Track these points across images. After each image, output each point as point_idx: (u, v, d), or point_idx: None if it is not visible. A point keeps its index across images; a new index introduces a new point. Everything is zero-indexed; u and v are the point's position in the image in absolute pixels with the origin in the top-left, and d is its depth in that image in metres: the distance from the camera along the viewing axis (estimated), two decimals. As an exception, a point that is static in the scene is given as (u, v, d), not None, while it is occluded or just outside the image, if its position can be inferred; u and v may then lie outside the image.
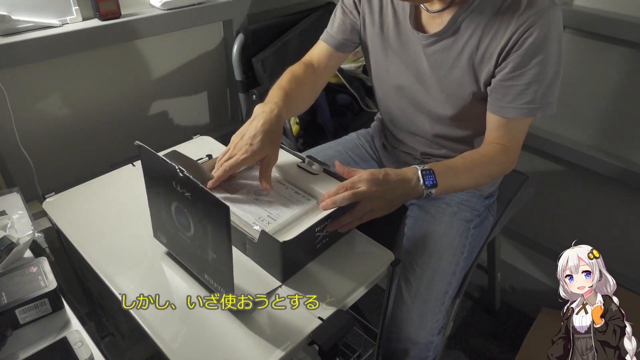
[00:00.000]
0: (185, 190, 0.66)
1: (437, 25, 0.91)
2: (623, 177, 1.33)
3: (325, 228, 0.80)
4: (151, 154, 0.70)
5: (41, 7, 1.07)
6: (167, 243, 0.81)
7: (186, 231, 0.72)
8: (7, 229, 0.84)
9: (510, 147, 0.93)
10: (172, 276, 0.79)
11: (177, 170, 0.65)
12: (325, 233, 0.81)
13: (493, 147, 0.93)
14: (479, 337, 1.59)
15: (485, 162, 0.92)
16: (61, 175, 1.27)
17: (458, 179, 0.90)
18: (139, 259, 0.82)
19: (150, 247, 0.84)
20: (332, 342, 0.69)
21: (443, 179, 0.87)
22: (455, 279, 0.99)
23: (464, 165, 0.91)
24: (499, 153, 0.92)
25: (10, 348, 0.67)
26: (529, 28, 0.81)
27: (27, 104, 1.16)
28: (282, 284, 0.78)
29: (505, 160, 0.93)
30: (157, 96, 1.40)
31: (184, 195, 0.67)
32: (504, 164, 0.94)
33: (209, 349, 0.68)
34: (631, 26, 1.17)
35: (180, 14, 1.26)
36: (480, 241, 1.08)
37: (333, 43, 1.06)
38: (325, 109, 1.44)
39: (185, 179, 0.65)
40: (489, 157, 0.92)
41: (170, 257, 0.82)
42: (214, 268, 0.71)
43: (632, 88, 1.26)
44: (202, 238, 0.69)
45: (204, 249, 0.70)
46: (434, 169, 0.87)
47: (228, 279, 0.68)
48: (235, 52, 1.39)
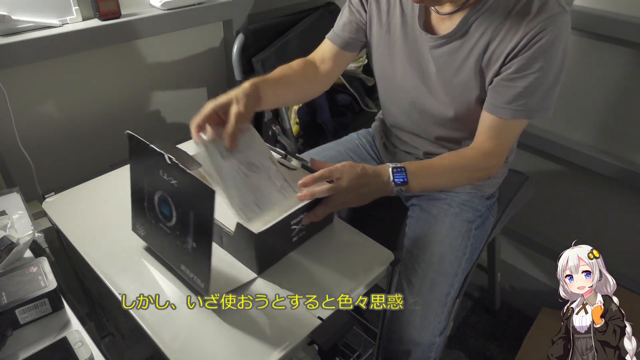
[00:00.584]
0: (172, 177, 0.68)
1: (447, 27, 0.91)
2: (623, 177, 1.33)
3: (301, 221, 0.81)
4: (141, 143, 0.72)
5: (41, 7, 1.07)
6: (144, 236, 0.82)
7: (167, 221, 0.74)
8: (7, 229, 0.84)
9: (497, 150, 0.93)
10: (172, 276, 0.79)
11: (165, 157, 0.67)
12: (301, 226, 0.82)
13: (477, 152, 0.92)
14: (479, 337, 1.59)
15: (466, 167, 0.92)
16: (61, 175, 1.27)
17: (433, 179, 0.91)
18: (139, 259, 0.82)
19: (150, 247, 0.84)
20: (331, 342, 0.69)
21: (415, 177, 0.87)
22: (457, 280, 0.99)
23: (442, 167, 0.91)
24: (483, 158, 0.92)
25: (10, 348, 0.68)
26: (538, 33, 0.81)
27: (27, 104, 1.16)
28: (258, 275, 0.79)
29: (489, 165, 0.94)
30: (157, 96, 1.40)
31: (170, 182, 0.69)
32: (487, 170, 0.95)
33: (209, 349, 0.68)
34: (631, 26, 1.17)
35: (180, 14, 1.26)
36: (482, 241, 1.08)
37: (338, 41, 1.06)
38: (325, 109, 1.44)
39: (173, 165, 0.67)
40: (472, 162, 0.92)
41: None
42: (193, 258, 0.72)
43: (632, 88, 1.26)
44: (183, 227, 0.71)
45: (184, 239, 0.71)
46: (407, 167, 0.87)
47: (206, 268, 0.69)
48: (235, 52, 1.39)
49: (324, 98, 1.45)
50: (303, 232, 0.84)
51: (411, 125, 1.08)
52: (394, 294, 0.85)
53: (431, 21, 0.94)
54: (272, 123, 1.42)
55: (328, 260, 0.83)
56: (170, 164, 0.67)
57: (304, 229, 0.83)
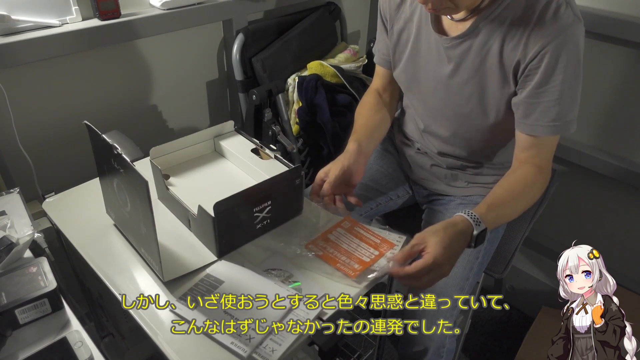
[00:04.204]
0: (120, 167, 0.72)
1: (459, 30, 0.91)
2: (623, 177, 1.33)
3: (265, 210, 0.84)
4: (96, 134, 0.76)
5: (41, 7, 1.07)
6: (115, 218, 0.87)
7: (125, 206, 0.77)
8: (7, 229, 0.83)
9: (543, 166, 0.91)
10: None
11: (112, 147, 0.71)
12: (265, 214, 0.84)
13: (529, 169, 0.91)
14: (479, 336, 1.59)
15: (528, 188, 0.90)
16: (61, 175, 1.27)
17: (503, 214, 0.89)
18: (139, 259, 0.82)
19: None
20: (332, 343, 0.69)
21: (490, 223, 0.84)
22: (469, 284, 0.99)
23: (508, 197, 0.89)
24: (535, 175, 0.90)
25: (10, 348, 0.67)
26: (550, 42, 0.81)
27: (27, 104, 1.16)
28: (218, 259, 0.82)
29: (542, 181, 0.92)
30: (156, 96, 1.40)
31: (120, 171, 0.73)
32: (542, 186, 0.92)
33: (209, 348, 0.68)
34: (631, 26, 1.17)
35: (180, 14, 1.26)
36: (495, 244, 1.08)
37: (385, 63, 1.10)
38: (325, 109, 1.44)
39: (118, 155, 0.70)
40: (529, 181, 0.90)
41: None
42: (147, 242, 0.76)
43: (632, 88, 1.26)
44: (135, 213, 0.74)
45: (138, 224, 0.75)
46: (479, 214, 0.83)
47: (155, 253, 0.73)
48: (235, 52, 1.39)
49: (323, 98, 1.44)
50: (267, 221, 0.86)
51: (428, 122, 1.07)
52: (394, 294, 0.85)
53: (443, 25, 0.95)
54: (272, 123, 1.42)
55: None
56: (117, 154, 0.71)
57: (269, 217, 0.86)
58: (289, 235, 0.87)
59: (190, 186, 0.95)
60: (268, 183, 0.83)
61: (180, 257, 0.82)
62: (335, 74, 1.51)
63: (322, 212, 0.93)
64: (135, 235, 0.81)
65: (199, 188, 0.94)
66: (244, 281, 0.78)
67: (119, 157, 0.70)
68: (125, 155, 0.69)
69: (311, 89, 1.44)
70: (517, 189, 0.90)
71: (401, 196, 1.18)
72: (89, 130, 0.77)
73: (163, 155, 0.97)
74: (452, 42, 0.92)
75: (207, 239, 0.83)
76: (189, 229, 0.87)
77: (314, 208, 0.94)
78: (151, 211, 0.67)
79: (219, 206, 0.76)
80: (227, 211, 0.78)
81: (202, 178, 0.97)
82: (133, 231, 0.80)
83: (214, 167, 1.00)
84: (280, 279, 0.78)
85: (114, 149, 0.71)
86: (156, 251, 0.72)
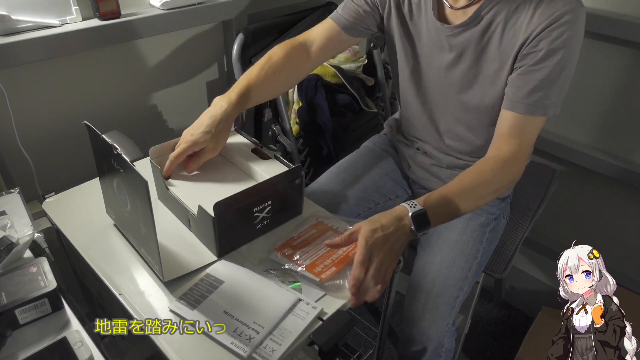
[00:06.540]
0: (120, 167, 0.72)
1: (460, 18, 0.91)
2: (623, 177, 1.33)
3: (265, 210, 0.83)
4: (95, 134, 0.75)
5: (41, 7, 1.07)
6: (115, 218, 0.87)
7: (125, 206, 0.77)
8: (7, 229, 0.83)
9: (518, 153, 0.87)
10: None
11: (112, 147, 0.71)
12: (265, 214, 0.84)
13: (496, 161, 0.88)
14: (479, 337, 1.59)
15: (488, 181, 0.86)
16: (61, 175, 1.27)
17: (455, 207, 0.82)
18: (139, 259, 0.82)
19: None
20: (332, 343, 0.69)
21: (436, 216, 0.79)
22: (467, 284, 0.99)
23: (462, 190, 0.84)
24: (503, 166, 0.87)
25: (10, 348, 0.67)
26: (553, 23, 0.81)
27: (27, 104, 1.16)
28: (218, 259, 0.81)
29: (511, 171, 0.88)
30: (156, 96, 1.40)
31: (119, 171, 0.73)
32: (510, 177, 0.89)
33: (209, 349, 0.68)
34: (631, 26, 1.17)
35: (180, 14, 1.26)
36: (494, 244, 1.08)
37: (342, 23, 1.02)
38: (325, 109, 1.44)
39: (118, 155, 0.70)
40: (492, 175, 0.86)
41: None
42: (146, 242, 0.76)
43: (632, 88, 1.26)
44: (135, 213, 0.74)
45: (138, 224, 0.74)
46: (426, 206, 0.79)
47: (155, 253, 0.73)
48: (235, 52, 1.39)
49: (323, 98, 1.45)
50: (267, 221, 0.86)
51: (427, 115, 1.06)
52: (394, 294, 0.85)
53: (445, 14, 0.94)
54: (271, 123, 1.42)
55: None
56: (116, 154, 0.71)
57: (269, 217, 0.85)
58: (289, 236, 0.87)
59: (190, 186, 0.94)
60: (268, 183, 0.83)
61: (180, 257, 0.82)
62: (335, 74, 1.51)
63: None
64: (135, 235, 0.81)
65: (199, 188, 0.94)
66: (244, 281, 0.77)
67: (119, 157, 0.70)
68: (125, 155, 0.69)
69: (311, 89, 1.44)
70: (474, 181, 0.85)
71: (400, 196, 1.18)
72: (89, 130, 0.78)
73: (163, 155, 0.97)
74: (453, 30, 0.92)
75: (207, 239, 0.83)
76: (189, 229, 0.87)
77: (314, 208, 0.95)
78: (151, 211, 0.67)
79: (219, 206, 0.76)
80: (227, 211, 0.78)
81: (202, 178, 0.97)
82: (133, 231, 0.80)
83: (214, 167, 1.00)
84: (280, 279, 0.78)
85: (114, 149, 0.71)
86: (156, 251, 0.72)
